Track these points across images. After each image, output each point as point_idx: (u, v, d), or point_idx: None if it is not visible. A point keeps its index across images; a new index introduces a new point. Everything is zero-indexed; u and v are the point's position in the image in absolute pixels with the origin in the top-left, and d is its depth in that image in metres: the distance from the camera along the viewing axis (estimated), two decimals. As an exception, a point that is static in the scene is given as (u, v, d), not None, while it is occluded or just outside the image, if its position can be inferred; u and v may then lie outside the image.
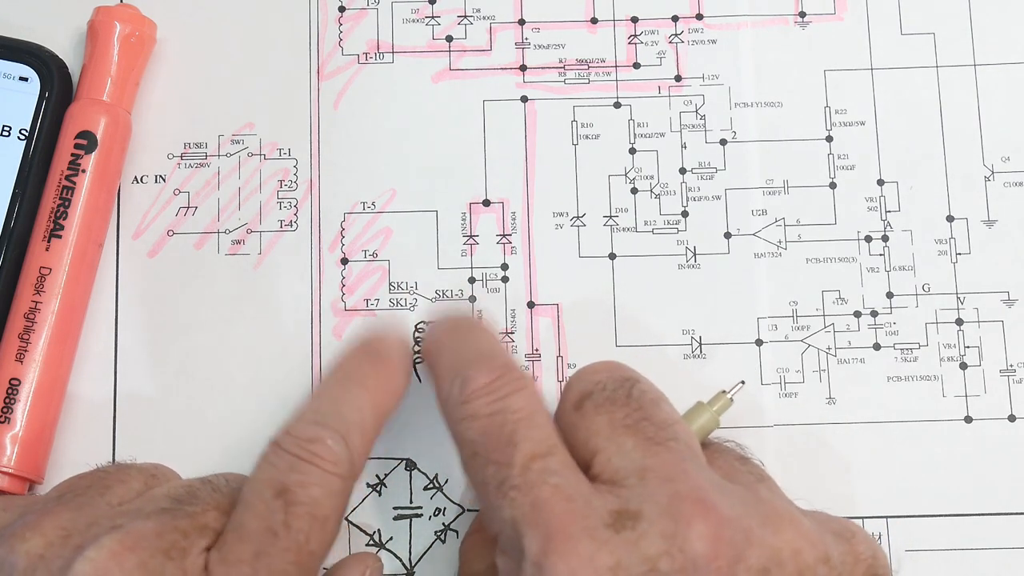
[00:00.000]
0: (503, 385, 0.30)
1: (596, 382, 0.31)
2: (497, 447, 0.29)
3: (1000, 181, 0.38)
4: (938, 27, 0.39)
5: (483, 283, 0.37)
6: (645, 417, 0.30)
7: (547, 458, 0.29)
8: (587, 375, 0.31)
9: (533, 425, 0.29)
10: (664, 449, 0.29)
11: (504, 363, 0.31)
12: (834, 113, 0.38)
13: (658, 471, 0.28)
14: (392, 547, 0.35)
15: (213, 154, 0.38)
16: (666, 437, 0.29)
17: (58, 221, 0.35)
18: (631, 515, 0.27)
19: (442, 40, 0.39)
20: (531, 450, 0.29)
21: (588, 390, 0.31)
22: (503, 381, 0.30)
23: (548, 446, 0.29)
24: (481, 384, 0.30)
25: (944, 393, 0.37)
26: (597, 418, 0.30)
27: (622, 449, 0.29)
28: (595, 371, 0.31)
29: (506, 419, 0.29)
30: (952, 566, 0.35)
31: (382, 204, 0.38)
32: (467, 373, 0.30)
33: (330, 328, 0.37)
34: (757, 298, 0.37)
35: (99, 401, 0.36)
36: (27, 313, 0.35)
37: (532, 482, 0.28)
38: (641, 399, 0.30)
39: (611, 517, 0.27)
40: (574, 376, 0.32)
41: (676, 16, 0.39)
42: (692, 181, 0.38)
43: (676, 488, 0.28)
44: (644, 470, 0.28)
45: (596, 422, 0.30)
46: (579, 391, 0.31)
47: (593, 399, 0.30)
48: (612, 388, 0.30)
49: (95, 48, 0.37)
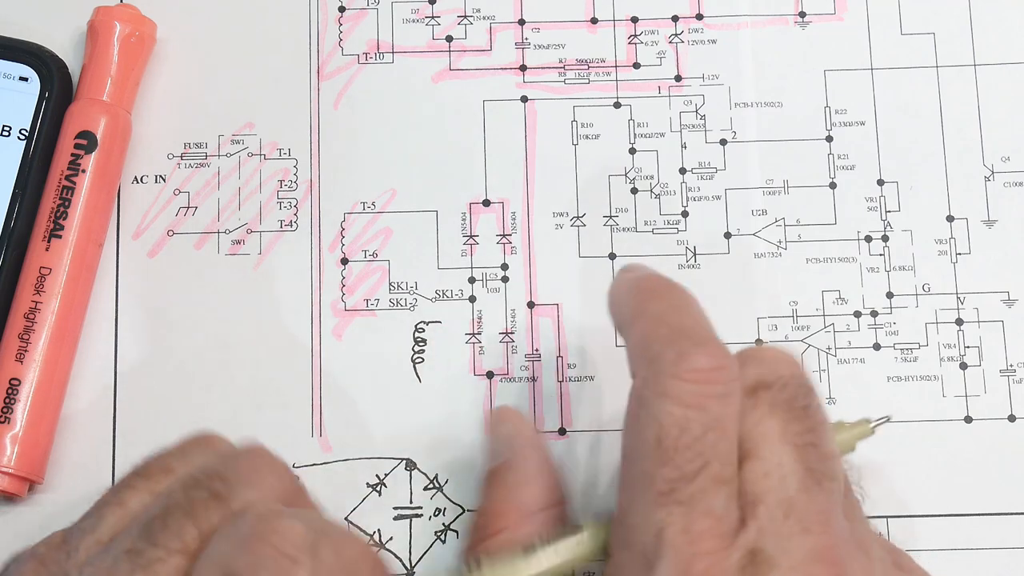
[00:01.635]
0: (721, 381, 0.27)
1: (779, 375, 0.28)
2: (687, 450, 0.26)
3: (1000, 181, 0.38)
4: (938, 27, 0.39)
5: (483, 283, 0.37)
6: (815, 443, 0.27)
7: (724, 486, 0.27)
8: (769, 362, 0.29)
9: (727, 443, 0.27)
10: (819, 489, 0.27)
11: (728, 356, 0.28)
12: (834, 113, 0.38)
13: (803, 513, 0.26)
14: (392, 547, 0.35)
15: (213, 154, 0.38)
16: (824, 474, 0.27)
17: (58, 221, 0.35)
18: (765, 560, 0.26)
19: (442, 40, 0.39)
20: (717, 473, 0.26)
21: (768, 380, 0.28)
22: (723, 376, 0.27)
23: (731, 473, 0.27)
24: (701, 367, 0.27)
25: (944, 393, 0.37)
26: (769, 420, 0.28)
27: (781, 469, 0.27)
28: (777, 359, 0.29)
29: (709, 424, 0.27)
30: (952, 566, 0.35)
31: (382, 204, 0.38)
32: (688, 347, 0.27)
33: (330, 328, 0.37)
34: (757, 298, 0.37)
35: (99, 401, 0.36)
36: (27, 313, 0.35)
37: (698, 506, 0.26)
38: (816, 417, 0.28)
39: (746, 559, 0.26)
40: (752, 354, 0.29)
41: (676, 16, 0.39)
42: (692, 181, 0.38)
43: (814, 543, 0.26)
44: (792, 506, 0.26)
45: (767, 424, 0.28)
46: (758, 376, 0.28)
47: (771, 395, 0.28)
48: (793, 391, 0.28)
49: (95, 48, 0.37)
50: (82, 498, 0.35)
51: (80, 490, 0.36)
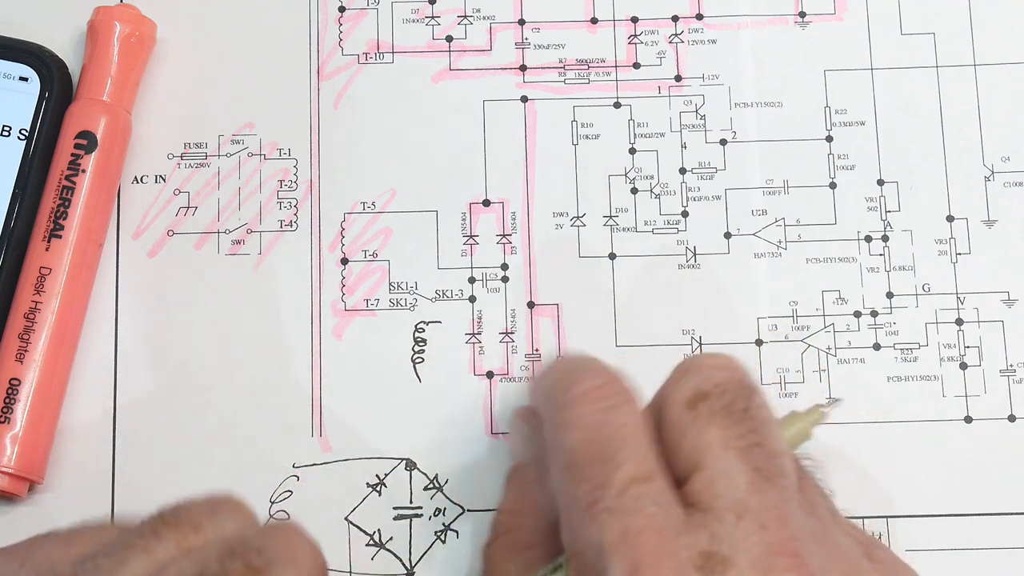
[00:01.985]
0: (611, 394, 0.28)
1: (716, 383, 0.29)
2: (596, 463, 0.27)
3: (1000, 181, 0.38)
4: (938, 27, 0.39)
5: (483, 283, 0.37)
6: (759, 443, 0.28)
7: (646, 483, 0.27)
8: (705, 370, 0.29)
9: (636, 445, 0.28)
10: (770, 486, 0.27)
11: (613, 373, 0.29)
12: (834, 113, 0.38)
13: (757, 513, 0.27)
14: (392, 547, 0.35)
15: (213, 154, 0.38)
16: (774, 472, 0.27)
17: (58, 221, 0.35)
18: (721, 560, 0.26)
19: (442, 40, 0.39)
20: (632, 473, 0.27)
21: (705, 390, 0.28)
22: (611, 389, 0.28)
23: (649, 470, 0.27)
24: (588, 387, 0.28)
25: (944, 393, 0.37)
26: (710, 429, 0.28)
27: (727, 475, 0.27)
28: (714, 367, 0.29)
29: (611, 434, 0.27)
30: (952, 566, 0.35)
31: (382, 204, 0.38)
32: (573, 376, 0.29)
33: (330, 328, 0.37)
34: (757, 298, 0.37)
35: (99, 401, 0.36)
36: (27, 313, 0.35)
37: (627, 508, 0.26)
38: (757, 417, 0.28)
39: (701, 559, 0.26)
40: (688, 366, 0.29)
41: (676, 16, 0.39)
42: (692, 181, 0.38)
43: (771, 539, 0.26)
44: (744, 509, 0.27)
45: (708, 434, 0.28)
46: (694, 388, 0.29)
47: (709, 404, 0.28)
48: (731, 396, 0.28)
49: (95, 48, 0.37)
50: (82, 498, 0.36)
51: (80, 490, 0.36)
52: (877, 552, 0.30)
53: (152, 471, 0.36)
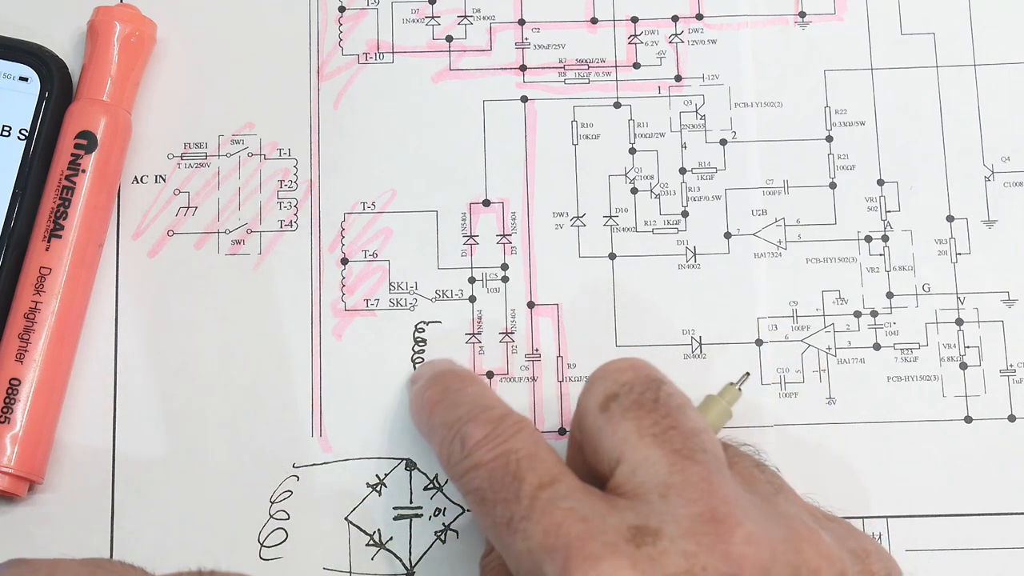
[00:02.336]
0: (502, 431, 0.30)
1: (623, 383, 0.30)
2: (503, 486, 0.28)
3: (1000, 181, 0.38)
4: (938, 27, 0.39)
5: (483, 283, 0.37)
6: (673, 426, 0.29)
7: (554, 485, 0.28)
8: (613, 373, 0.30)
9: (536, 459, 0.29)
10: (690, 463, 0.28)
11: (499, 413, 0.30)
12: (834, 113, 0.38)
13: (681, 489, 0.27)
14: (392, 547, 0.35)
15: (213, 154, 0.38)
16: (693, 449, 0.28)
17: (58, 221, 0.35)
18: (651, 532, 0.26)
19: (442, 40, 0.39)
20: (537, 480, 0.28)
21: (614, 391, 0.30)
22: (501, 428, 0.30)
23: (553, 474, 0.28)
24: (481, 437, 0.30)
25: (944, 393, 0.37)
26: (624, 423, 0.29)
27: (647, 461, 0.28)
28: (620, 369, 0.30)
29: (509, 459, 0.29)
30: (952, 566, 0.35)
31: (382, 204, 0.38)
32: (464, 430, 0.30)
33: (330, 328, 0.37)
34: (757, 298, 0.37)
35: (99, 401, 0.36)
36: (27, 313, 0.35)
37: (542, 510, 0.27)
38: (668, 404, 0.29)
39: (630, 532, 0.27)
40: (598, 373, 0.31)
41: (676, 16, 0.39)
42: (692, 181, 0.38)
43: (698, 508, 0.27)
44: (667, 487, 0.27)
45: (622, 428, 0.29)
46: (604, 391, 0.30)
47: (620, 401, 0.29)
48: (639, 390, 0.30)
49: (95, 48, 0.37)
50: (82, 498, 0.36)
51: (80, 490, 0.36)
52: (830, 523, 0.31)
53: (152, 471, 0.36)
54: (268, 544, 0.35)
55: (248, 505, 0.35)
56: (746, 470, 0.31)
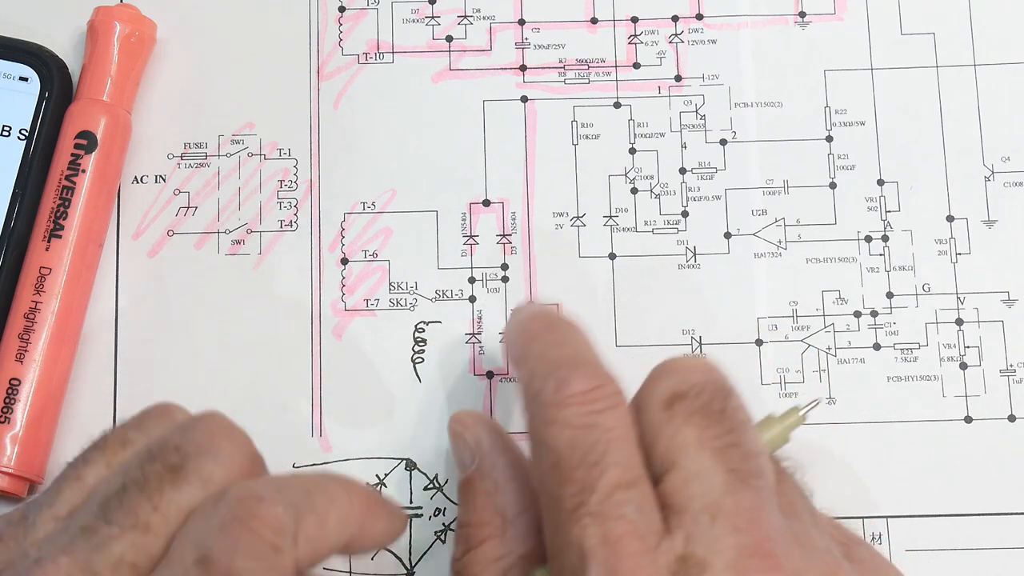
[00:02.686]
0: (602, 397, 0.28)
1: (692, 384, 0.29)
2: (583, 465, 0.27)
3: (1000, 181, 0.38)
4: (938, 27, 0.39)
5: (483, 283, 0.37)
6: (735, 443, 0.28)
7: (630, 490, 0.27)
8: (682, 372, 0.29)
9: (623, 450, 0.27)
10: (745, 487, 0.27)
11: (605, 374, 0.29)
12: (834, 113, 0.38)
13: (731, 515, 0.27)
14: (392, 547, 0.35)
15: (213, 154, 0.38)
16: (749, 472, 0.27)
17: (58, 221, 0.35)
18: (696, 563, 0.26)
19: (442, 40, 0.39)
20: (618, 478, 0.27)
21: (682, 390, 0.28)
22: (602, 393, 0.28)
23: (634, 476, 0.27)
24: (579, 390, 0.28)
25: (944, 393, 0.37)
26: (686, 429, 0.28)
27: (703, 475, 0.27)
28: (690, 368, 0.29)
29: (599, 437, 0.27)
30: (952, 566, 0.35)
31: (382, 204, 0.38)
32: (565, 374, 0.28)
33: (330, 328, 0.37)
34: (757, 298, 0.37)
35: (99, 401, 0.36)
36: (27, 313, 0.35)
37: (609, 513, 0.26)
38: (735, 418, 0.28)
39: (677, 563, 0.26)
40: (665, 368, 0.29)
41: (676, 16, 0.39)
42: (692, 181, 0.38)
43: (745, 540, 0.26)
44: (718, 509, 0.27)
45: (684, 433, 0.28)
46: (671, 388, 0.29)
47: (686, 404, 0.28)
48: (708, 397, 0.28)
49: (95, 48, 0.37)
50: (82, 498, 0.36)
51: (80, 490, 0.36)
52: (858, 551, 0.30)
53: (152, 471, 0.36)
54: (268, 544, 0.35)
55: (248, 505, 0.35)
56: (789, 491, 0.30)
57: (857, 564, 0.30)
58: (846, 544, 0.30)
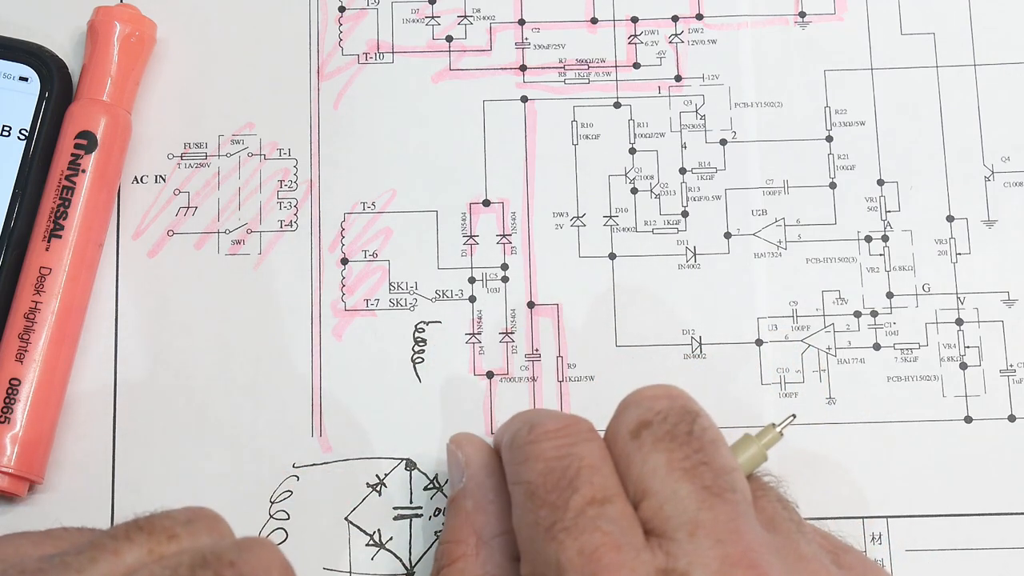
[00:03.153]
0: (573, 433, 0.29)
1: (657, 411, 0.29)
2: (556, 489, 0.28)
3: (1000, 181, 0.38)
4: (938, 27, 0.39)
5: (483, 283, 0.37)
6: (705, 461, 0.28)
7: (605, 505, 0.27)
8: (647, 400, 0.30)
9: (597, 472, 0.28)
10: (720, 501, 0.27)
11: (576, 416, 0.30)
12: (834, 113, 0.38)
13: (710, 528, 0.27)
14: (392, 547, 0.35)
15: (213, 154, 0.38)
16: (723, 487, 0.28)
17: (58, 221, 0.35)
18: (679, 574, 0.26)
19: (442, 40, 0.39)
20: (590, 495, 0.28)
21: (647, 419, 0.29)
22: (574, 429, 0.29)
23: (608, 493, 0.28)
24: (551, 428, 0.29)
25: (944, 393, 0.37)
26: (655, 455, 0.28)
27: (676, 496, 0.28)
28: (655, 397, 0.30)
29: (571, 464, 0.28)
30: (952, 566, 0.35)
31: (382, 204, 0.38)
32: (537, 419, 0.30)
33: (330, 328, 0.37)
34: (757, 298, 0.37)
35: (99, 401, 0.36)
36: (27, 313, 0.35)
37: (584, 527, 0.27)
38: (703, 438, 0.29)
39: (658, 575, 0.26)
40: (631, 398, 0.30)
41: (676, 16, 0.39)
42: (692, 181, 0.38)
43: (727, 551, 0.26)
44: (696, 525, 0.27)
45: (653, 459, 0.28)
46: (637, 418, 0.29)
47: (653, 431, 0.29)
48: (673, 421, 0.29)
49: (95, 48, 0.37)
50: (82, 498, 0.36)
51: (80, 490, 0.36)
52: (847, 558, 0.30)
53: (152, 471, 0.36)
54: (268, 544, 0.35)
55: (248, 505, 0.35)
56: (770, 505, 0.30)
57: (847, 571, 0.30)
58: (835, 552, 0.30)
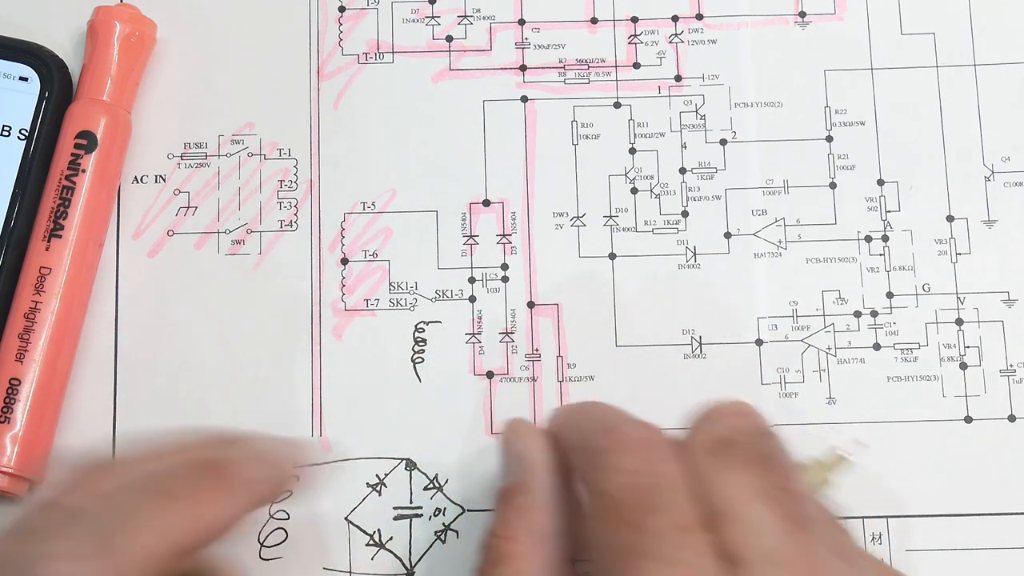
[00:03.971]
0: (655, 447, 0.28)
1: (737, 429, 0.28)
2: (638, 509, 0.27)
3: (1000, 181, 0.38)
4: (938, 27, 0.39)
5: (483, 283, 0.37)
6: (784, 487, 0.27)
7: (687, 533, 0.26)
8: (727, 418, 0.29)
9: (678, 495, 0.27)
10: (802, 532, 0.27)
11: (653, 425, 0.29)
12: (834, 113, 0.38)
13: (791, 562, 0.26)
14: (392, 547, 0.35)
15: (213, 154, 0.38)
16: (803, 516, 0.27)
17: (58, 221, 0.35)
18: None
19: (442, 40, 0.39)
20: (675, 521, 0.26)
21: (728, 437, 0.28)
22: (656, 444, 0.28)
23: (691, 520, 0.27)
24: (633, 437, 0.28)
25: (944, 393, 0.37)
26: (736, 476, 0.27)
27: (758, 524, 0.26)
28: (734, 415, 0.29)
29: (655, 482, 0.27)
30: (952, 566, 0.35)
31: (382, 204, 0.38)
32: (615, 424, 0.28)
33: (330, 328, 0.37)
34: (757, 298, 0.37)
35: (99, 401, 0.36)
36: (27, 313, 0.35)
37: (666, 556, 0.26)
38: (782, 463, 0.28)
39: None
40: (709, 416, 0.29)
41: (676, 16, 0.39)
42: (692, 181, 0.38)
43: None
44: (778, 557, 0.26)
45: (734, 481, 0.27)
46: (717, 435, 0.28)
47: (733, 450, 0.28)
48: (755, 444, 0.28)
49: (95, 48, 0.37)
50: (82, 498, 0.36)
51: (80, 490, 0.36)
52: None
53: (152, 471, 0.36)
54: (268, 544, 0.35)
55: (248, 505, 0.35)
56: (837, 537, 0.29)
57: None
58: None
